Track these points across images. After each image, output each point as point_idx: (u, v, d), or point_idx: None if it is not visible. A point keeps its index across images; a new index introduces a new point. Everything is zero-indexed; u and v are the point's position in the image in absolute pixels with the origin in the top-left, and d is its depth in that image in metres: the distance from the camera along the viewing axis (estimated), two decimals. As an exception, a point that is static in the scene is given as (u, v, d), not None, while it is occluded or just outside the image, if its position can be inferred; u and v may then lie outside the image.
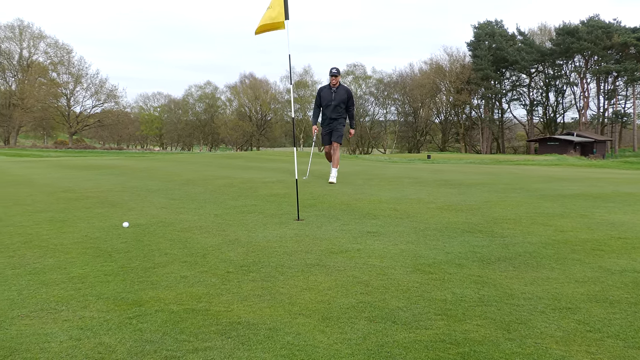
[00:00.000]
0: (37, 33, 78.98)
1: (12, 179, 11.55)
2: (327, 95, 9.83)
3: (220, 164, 17.76)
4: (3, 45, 77.02)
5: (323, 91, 9.94)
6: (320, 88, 10.06)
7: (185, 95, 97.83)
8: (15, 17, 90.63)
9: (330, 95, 9.81)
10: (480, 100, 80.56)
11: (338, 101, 9.76)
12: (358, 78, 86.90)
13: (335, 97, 9.78)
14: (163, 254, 4.02)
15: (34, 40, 78.90)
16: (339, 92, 9.81)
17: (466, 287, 3.13)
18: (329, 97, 9.80)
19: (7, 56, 77.69)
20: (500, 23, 78.83)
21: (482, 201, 6.96)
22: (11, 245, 4.37)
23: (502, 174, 13.17)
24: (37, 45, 79.51)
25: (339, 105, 9.80)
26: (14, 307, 2.81)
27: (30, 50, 79.34)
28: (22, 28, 77.64)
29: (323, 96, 9.88)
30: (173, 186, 9.23)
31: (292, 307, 2.80)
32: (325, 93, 9.87)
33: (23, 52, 78.76)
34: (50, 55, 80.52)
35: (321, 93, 9.96)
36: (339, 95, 9.80)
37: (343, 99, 9.81)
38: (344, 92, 9.84)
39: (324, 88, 9.97)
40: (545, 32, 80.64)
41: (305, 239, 4.56)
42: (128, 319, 2.63)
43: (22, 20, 78.54)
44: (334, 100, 9.73)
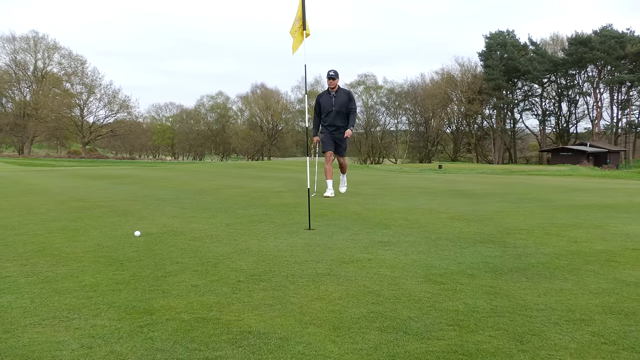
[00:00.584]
0: (51, 44, 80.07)
1: (26, 188, 11.67)
2: (327, 101, 9.03)
3: (231, 173, 17.84)
4: (18, 56, 78.13)
5: (322, 98, 9.15)
6: (318, 95, 9.27)
7: (197, 105, 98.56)
8: (30, 29, 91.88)
9: (330, 101, 9.01)
10: (492, 110, 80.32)
11: (339, 106, 8.94)
12: (369, 88, 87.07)
13: (336, 102, 8.95)
14: (174, 262, 4.03)
15: (48, 52, 79.99)
16: (339, 97, 8.97)
17: (478, 298, 3.10)
18: (328, 104, 9.00)
19: (22, 67, 78.77)
20: (512, 33, 78.73)
21: (494, 211, 6.92)
22: (24, 253, 4.40)
23: (514, 184, 13.10)
24: (51, 56, 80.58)
25: (341, 112, 8.97)
26: (27, 315, 2.82)
27: (45, 61, 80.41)
28: (37, 40, 78.77)
29: (322, 103, 9.07)
30: (184, 195, 9.28)
31: (302, 316, 2.79)
32: (325, 99, 9.07)
33: (38, 63, 79.82)
34: (64, 66, 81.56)
35: (320, 100, 9.15)
36: (339, 100, 8.96)
37: (344, 103, 8.99)
38: (344, 96, 9.03)
39: (322, 94, 9.21)
40: (558, 42, 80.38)
41: (316, 248, 4.55)
42: (139, 327, 2.63)
43: (37, 32, 79.86)
44: (334, 106, 8.93)
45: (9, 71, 78.18)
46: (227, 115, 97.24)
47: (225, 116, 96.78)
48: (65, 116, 78.97)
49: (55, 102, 77.38)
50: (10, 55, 77.65)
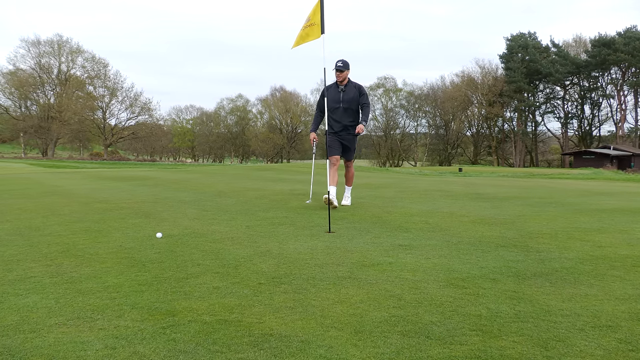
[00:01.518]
0: (75, 48, 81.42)
1: (50, 189, 11.85)
2: (334, 95, 7.68)
3: (251, 176, 17.92)
4: (43, 60, 79.57)
5: (328, 91, 7.74)
6: (324, 87, 7.77)
7: (217, 108, 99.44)
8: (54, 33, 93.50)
9: (337, 96, 7.66)
10: (513, 113, 79.61)
11: (348, 102, 7.62)
12: (389, 91, 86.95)
13: (344, 97, 7.63)
14: (196, 264, 4.06)
15: (72, 55, 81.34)
16: (348, 92, 7.64)
17: (501, 303, 3.06)
18: (335, 98, 7.66)
19: (46, 70, 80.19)
20: (533, 35, 77.98)
21: (516, 215, 6.85)
22: (49, 254, 4.47)
23: (536, 187, 12.95)
24: (75, 59, 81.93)
25: (350, 108, 7.66)
26: (52, 315, 2.86)
27: (69, 64, 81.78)
28: (61, 43, 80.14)
29: (328, 97, 7.69)
30: (205, 197, 9.33)
31: (324, 319, 2.78)
32: (332, 93, 7.71)
33: (61, 67, 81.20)
34: (87, 69, 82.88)
35: (326, 94, 7.72)
36: (348, 95, 7.63)
37: (354, 99, 7.64)
38: (354, 91, 7.65)
39: (329, 87, 7.78)
40: (580, 43, 79.38)
41: (337, 251, 4.55)
42: (162, 328, 2.65)
43: (61, 36, 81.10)
44: (342, 101, 7.62)
45: (33, 74, 79.63)
46: (247, 117, 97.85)
47: (245, 119, 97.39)
48: (87, 119, 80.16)
49: (78, 105, 78.60)
50: (35, 58, 79.15)
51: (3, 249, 4.71)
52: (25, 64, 79.18)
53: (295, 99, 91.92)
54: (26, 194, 10.47)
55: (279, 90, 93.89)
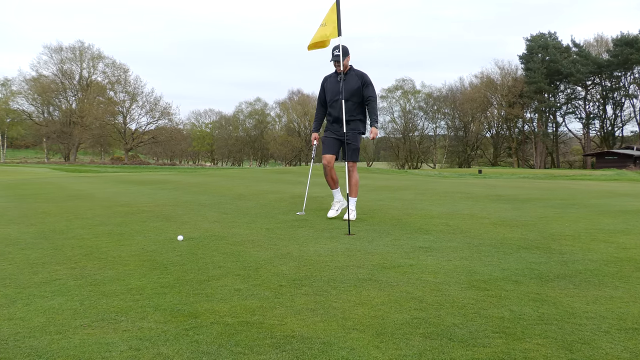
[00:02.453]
0: (96, 54, 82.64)
1: (72, 193, 12.02)
2: (333, 86, 6.65)
3: (270, 178, 17.98)
4: (65, 66, 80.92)
5: (328, 81, 6.75)
6: (324, 78, 6.81)
7: (236, 111, 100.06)
8: (76, 39, 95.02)
9: (336, 87, 6.61)
10: (534, 114, 78.75)
11: (349, 93, 6.52)
12: (407, 93, 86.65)
13: (345, 87, 6.54)
14: (217, 267, 4.08)
15: (93, 61, 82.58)
16: (349, 81, 6.56)
17: (524, 305, 3.03)
18: (335, 89, 6.63)
19: (68, 76, 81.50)
20: (553, 35, 77.10)
21: (537, 217, 6.77)
22: (73, 257, 4.53)
23: (557, 189, 12.79)
24: (96, 65, 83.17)
25: (351, 101, 6.55)
26: (77, 317, 2.90)
27: (90, 70, 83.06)
28: (83, 49, 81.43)
29: (327, 89, 6.72)
30: (225, 200, 9.39)
31: (345, 321, 2.78)
32: (331, 84, 6.70)
33: (83, 72, 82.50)
34: (108, 75, 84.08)
35: (325, 84, 6.77)
36: (349, 84, 6.55)
37: (356, 90, 6.54)
38: (356, 80, 6.57)
39: (329, 77, 6.78)
40: (602, 43, 78.25)
41: (357, 253, 4.54)
42: (185, 330, 2.67)
43: (82, 42, 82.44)
44: (341, 92, 6.52)
45: (56, 80, 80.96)
46: (265, 121, 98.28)
47: (263, 122, 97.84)
48: (108, 123, 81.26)
49: (100, 110, 79.70)
50: (57, 65, 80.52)
51: (29, 252, 4.80)
52: (47, 70, 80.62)
53: (313, 101, 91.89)
54: (50, 198, 10.63)
55: (296, 94, 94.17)
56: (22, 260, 4.42)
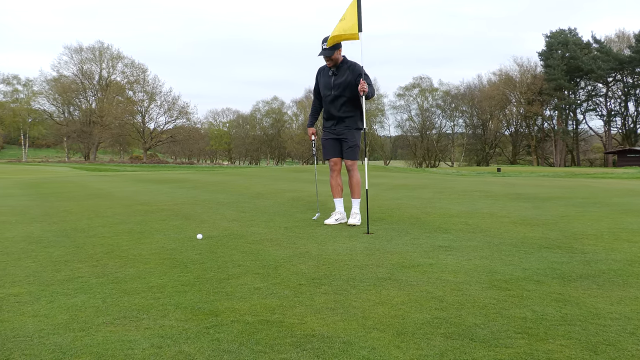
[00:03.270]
0: (115, 54, 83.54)
1: (93, 192, 12.17)
2: (326, 80, 6.23)
3: (287, 177, 18.02)
4: (85, 66, 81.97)
5: (321, 75, 6.34)
6: (318, 69, 6.43)
7: (253, 110, 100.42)
8: (96, 40, 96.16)
9: (328, 81, 6.19)
10: (553, 112, 77.88)
11: (341, 88, 6.08)
12: (424, 91, 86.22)
13: (335, 83, 6.11)
14: (236, 265, 4.10)
15: (112, 61, 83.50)
16: (341, 75, 6.10)
17: (547, 305, 3.00)
18: (327, 84, 6.20)
19: (88, 76, 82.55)
20: (574, 31, 76.11)
21: (558, 216, 6.69)
22: (94, 255, 4.58)
23: (578, 187, 12.63)
24: (115, 65, 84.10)
25: (343, 96, 6.10)
26: (100, 314, 2.93)
27: (109, 70, 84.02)
28: (102, 50, 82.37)
29: (321, 83, 6.32)
30: (243, 199, 9.43)
31: (365, 321, 2.78)
32: (324, 78, 6.27)
33: (102, 72, 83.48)
34: (127, 75, 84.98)
35: (319, 77, 6.38)
36: (341, 78, 6.10)
37: (349, 84, 6.06)
38: (348, 73, 6.08)
39: (322, 69, 6.35)
40: (624, 39, 77.07)
41: (376, 252, 4.53)
42: (205, 328, 2.69)
43: (102, 42, 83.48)
44: (333, 88, 6.12)
45: (76, 80, 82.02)
46: (282, 120, 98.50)
47: (280, 121, 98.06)
48: (127, 123, 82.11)
49: (119, 110, 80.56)
50: (77, 65, 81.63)
51: (51, 249, 4.86)
52: (68, 70, 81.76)
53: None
54: (71, 197, 10.77)
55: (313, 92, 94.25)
56: (45, 258, 4.48)
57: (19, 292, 3.42)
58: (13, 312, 3.01)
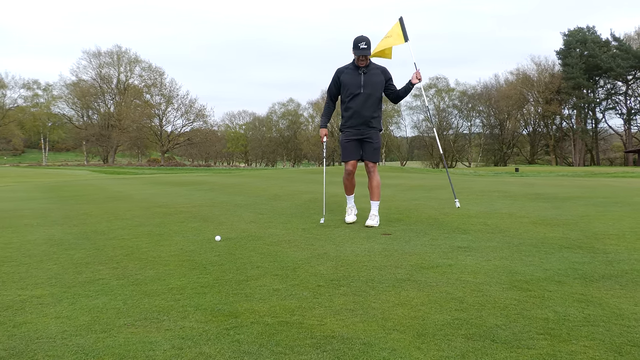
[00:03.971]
0: (133, 58, 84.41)
1: (112, 195, 12.29)
2: (353, 79, 6.13)
3: (304, 179, 18.04)
4: (103, 70, 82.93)
5: (344, 74, 6.20)
6: (338, 70, 6.27)
7: (269, 112, 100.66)
8: (114, 44, 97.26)
9: (357, 80, 6.11)
10: (572, 110, 76.97)
11: (371, 88, 6.11)
12: (441, 91, 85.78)
13: (366, 81, 6.10)
14: (255, 267, 4.11)
15: (130, 65, 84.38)
16: (371, 74, 6.12)
17: (569, 306, 2.96)
18: (355, 83, 6.12)
19: (106, 80, 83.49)
20: (592, 29, 75.15)
21: (579, 215, 6.61)
22: (115, 257, 4.63)
23: (598, 187, 12.47)
24: (133, 69, 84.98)
25: (374, 95, 6.14)
26: (121, 316, 2.96)
27: (127, 74, 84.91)
28: (120, 54, 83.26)
29: (345, 82, 6.17)
30: (260, 201, 9.45)
31: (385, 322, 2.77)
32: (349, 77, 6.16)
33: (120, 76, 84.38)
34: (144, 78, 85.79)
35: (341, 78, 6.21)
36: (371, 78, 6.12)
37: (379, 84, 6.16)
38: (378, 73, 6.17)
39: (344, 69, 6.23)
40: (643, 36, 75.82)
41: (394, 253, 4.51)
42: (225, 330, 2.70)
43: (120, 47, 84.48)
44: (363, 86, 6.10)
45: (94, 84, 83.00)
46: (299, 121, 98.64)
47: (296, 123, 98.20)
48: (145, 126, 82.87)
49: (137, 113, 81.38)
50: (96, 69, 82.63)
51: (72, 252, 4.92)
52: (87, 74, 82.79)
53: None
54: (91, 200, 10.89)
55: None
56: (66, 260, 4.54)
57: (42, 294, 3.46)
58: (36, 313, 3.05)
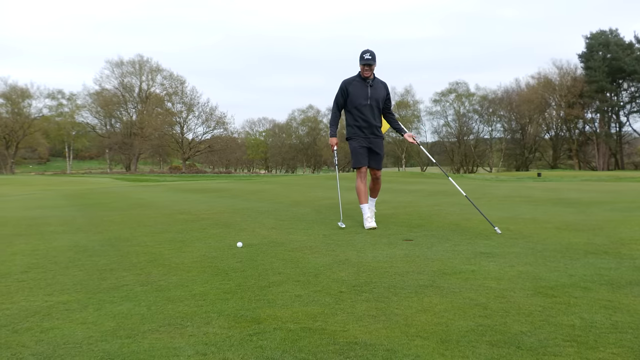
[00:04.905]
0: (154, 67, 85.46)
1: (134, 202, 12.43)
2: (360, 90, 6.61)
3: (324, 185, 18.03)
4: (125, 79, 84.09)
5: (352, 85, 6.65)
6: (345, 82, 6.70)
7: (289, 119, 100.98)
8: (136, 53, 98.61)
9: (364, 91, 6.62)
10: (595, 114, 75.87)
11: (376, 99, 6.67)
12: (461, 96, 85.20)
13: (372, 93, 6.64)
14: (276, 273, 4.12)
15: (151, 74, 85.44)
16: (376, 87, 6.68)
17: (596, 312, 2.91)
18: (362, 94, 6.62)
19: (128, 89, 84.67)
20: (615, 32, 74.11)
21: (604, 220, 6.51)
22: (138, 263, 4.68)
23: (623, 191, 12.26)
24: (154, 78, 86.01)
25: (378, 107, 6.72)
26: (145, 322, 2.99)
27: (149, 83, 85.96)
28: (142, 63, 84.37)
29: (353, 93, 6.63)
30: (281, 207, 9.48)
31: (408, 328, 2.75)
32: (357, 88, 6.62)
33: (142, 85, 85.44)
34: (165, 87, 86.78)
35: (349, 89, 6.65)
36: (376, 91, 6.67)
37: (382, 97, 6.73)
38: (382, 87, 6.75)
39: (352, 81, 6.67)
40: (668, 38, 74.49)
41: (416, 259, 4.49)
42: (248, 335, 2.71)
43: (142, 56, 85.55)
44: (370, 98, 6.63)
45: (117, 93, 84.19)
46: (318, 128, 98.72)
47: (316, 129, 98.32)
48: (167, 134, 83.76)
49: (158, 121, 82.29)
50: (118, 78, 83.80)
51: (97, 258, 4.99)
52: (109, 84, 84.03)
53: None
54: (114, 207, 11.03)
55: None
56: (91, 267, 4.60)
57: (68, 300, 3.52)
58: (62, 319, 3.10)
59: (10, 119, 78.82)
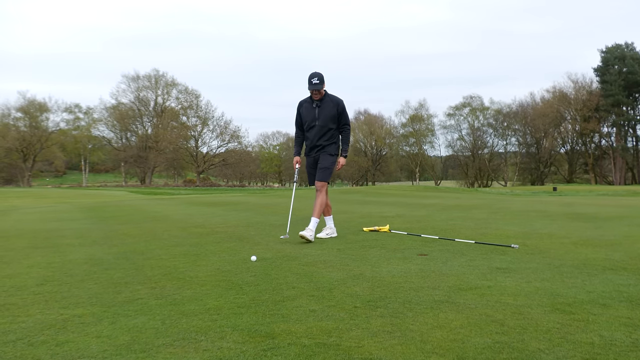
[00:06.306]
0: (170, 81, 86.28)
1: (149, 215, 12.50)
2: (309, 112, 6.88)
3: (338, 199, 18.01)
4: (141, 93, 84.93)
5: (303, 107, 6.96)
6: (299, 103, 7.04)
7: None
8: (152, 68, 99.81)
9: (312, 113, 6.85)
10: (611, 128, 75.21)
11: (325, 120, 6.79)
12: (475, 110, 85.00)
13: (320, 114, 6.80)
14: (291, 287, 4.11)
15: (167, 88, 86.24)
16: (324, 107, 6.79)
17: (615, 330, 2.86)
18: (310, 116, 6.86)
19: (144, 103, 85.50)
20: (631, 45, 73.65)
21: (622, 236, 6.42)
22: (153, 277, 4.69)
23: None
24: (170, 92, 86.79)
25: (326, 126, 6.82)
26: (159, 336, 2.99)
27: (164, 97, 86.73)
28: (158, 77, 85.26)
29: (304, 115, 6.94)
30: (294, 220, 9.47)
31: (424, 345, 2.72)
32: (307, 110, 6.90)
33: (158, 99, 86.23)
34: (180, 101, 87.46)
35: (301, 110, 6.99)
36: (324, 111, 6.79)
37: (331, 116, 6.80)
38: (332, 106, 6.80)
39: (304, 102, 6.98)
40: (685, 51, 73.88)
41: (431, 274, 4.45)
42: (263, 351, 2.69)
43: (157, 70, 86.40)
44: (318, 119, 6.82)
45: (133, 107, 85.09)
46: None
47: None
48: (181, 147, 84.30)
49: (173, 135, 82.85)
50: (134, 92, 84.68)
51: (112, 272, 5.01)
52: (125, 98, 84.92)
53: (380, 121, 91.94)
54: (129, 220, 11.10)
55: (363, 114, 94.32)
56: (106, 280, 4.62)
57: (83, 313, 3.53)
58: (77, 332, 3.11)
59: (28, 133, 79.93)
